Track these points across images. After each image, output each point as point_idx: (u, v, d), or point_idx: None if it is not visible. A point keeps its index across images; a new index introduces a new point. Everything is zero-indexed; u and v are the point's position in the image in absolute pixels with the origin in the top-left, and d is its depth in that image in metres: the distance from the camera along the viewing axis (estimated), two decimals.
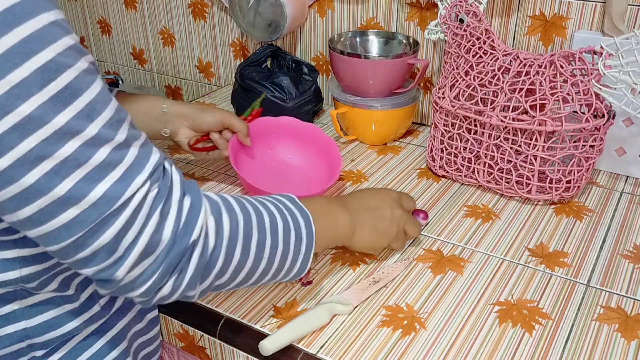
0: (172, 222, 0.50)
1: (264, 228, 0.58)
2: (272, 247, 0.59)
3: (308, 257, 0.63)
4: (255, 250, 0.57)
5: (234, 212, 0.56)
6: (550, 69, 0.85)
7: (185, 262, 0.51)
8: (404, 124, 1.13)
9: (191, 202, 0.52)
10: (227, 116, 0.90)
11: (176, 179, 0.52)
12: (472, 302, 0.72)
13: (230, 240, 0.54)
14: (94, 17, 1.61)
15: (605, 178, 1.00)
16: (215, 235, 0.53)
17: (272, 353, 0.64)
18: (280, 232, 0.59)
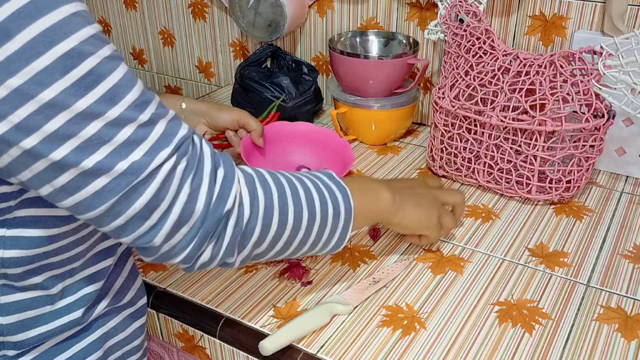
0: (205, 193, 0.52)
1: (299, 200, 0.59)
2: (309, 219, 0.60)
3: (346, 231, 0.64)
4: (293, 221, 0.59)
5: (268, 185, 0.58)
6: (550, 69, 0.85)
7: (221, 230, 0.54)
8: (404, 124, 1.13)
9: (224, 173, 0.54)
10: (243, 115, 0.92)
11: (206, 151, 0.54)
12: (472, 302, 0.72)
13: (266, 211, 0.56)
14: (94, 17, 1.61)
15: (605, 178, 1.00)
16: (250, 206, 0.55)
17: (272, 353, 0.64)
18: (317, 204, 0.61)
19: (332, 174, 0.66)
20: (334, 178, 0.65)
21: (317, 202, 0.61)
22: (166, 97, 0.91)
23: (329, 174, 0.66)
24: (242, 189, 0.55)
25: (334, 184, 0.64)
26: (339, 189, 0.64)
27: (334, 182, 0.64)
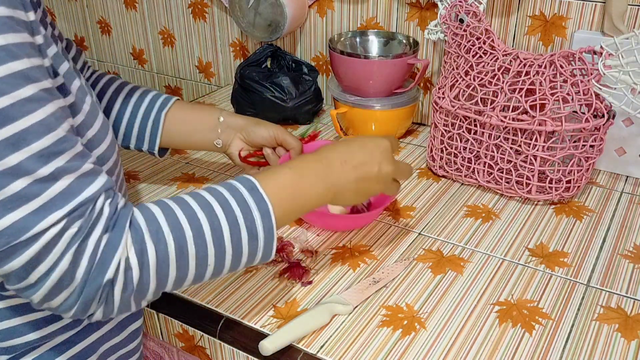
0: (86, 262, 0.49)
1: (202, 241, 0.55)
2: (217, 255, 0.56)
3: (270, 246, 0.60)
4: (196, 261, 0.55)
5: (161, 234, 0.53)
6: (550, 69, 0.85)
7: (107, 296, 0.51)
8: (404, 124, 1.13)
9: (109, 239, 0.50)
10: (281, 132, 0.87)
11: (105, 214, 0.50)
12: (472, 302, 0.72)
13: (158, 265, 0.52)
14: (94, 17, 1.61)
15: (605, 178, 1.00)
16: (139, 267, 0.51)
17: (272, 353, 0.64)
18: (227, 237, 0.56)
19: (255, 184, 0.60)
20: (256, 191, 0.59)
21: (227, 234, 0.56)
22: (204, 109, 0.88)
23: (251, 185, 0.59)
24: (129, 252, 0.51)
25: (253, 200, 0.58)
26: (258, 206, 0.58)
27: (254, 198, 0.58)
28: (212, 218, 0.56)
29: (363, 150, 0.69)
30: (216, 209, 0.56)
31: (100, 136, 0.59)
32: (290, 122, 1.21)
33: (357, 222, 0.87)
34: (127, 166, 1.05)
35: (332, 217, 0.86)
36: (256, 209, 0.58)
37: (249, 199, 0.58)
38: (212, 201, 0.57)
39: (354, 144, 0.70)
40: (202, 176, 1.01)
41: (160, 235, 0.53)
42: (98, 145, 0.58)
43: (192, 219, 0.55)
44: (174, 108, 0.85)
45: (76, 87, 0.56)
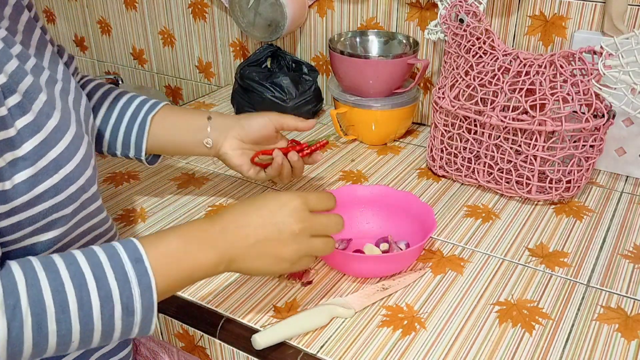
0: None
1: (66, 317, 0.50)
2: (83, 332, 0.51)
3: (148, 324, 0.55)
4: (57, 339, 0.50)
5: (18, 310, 0.48)
6: (550, 69, 0.85)
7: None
8: (404, 124, 1.13)
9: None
10: (274, 116, 0.82)
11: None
12: (472, 302, 0.72)
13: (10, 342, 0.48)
14: (94, 17, 1.61)
15: (605, 178, 1.00)
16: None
17: (263, 347, 0.65)
18: (96, 313, 0.51)
19: (141, 256, 0.54)
20: (141, 263, 0.54)
21: (97, 310, 0.51)
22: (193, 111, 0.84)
23: (137, 257, 0.54)
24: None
25: (136, 273, 0.53)
26: (140, 281, 0.53)
27: (137, 271, 0.53)
28: (82, 293, 0.51)
29: (263, 211, 0.62)
30: (89, 283, 0.51)
31: (67, 155, 0.55)
32: None
33: (392, 263, 0.76)
34: (127, 166, 1.05)
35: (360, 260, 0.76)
36: (137, 284, 0.53)
37: (130, 273, 0.53)
38: (86, 273, 0.52)
39: (253, 206, 0.62)
40: (202, 176, 1.01)
41: (17, 311, 0.48)
42: (64, 165, 0.55)
43: (57, 293, 0.50)
44: (162, 112, 0.81)
45: (41, 102, 0.53)
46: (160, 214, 0.90)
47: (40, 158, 0.52)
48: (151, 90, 1.55)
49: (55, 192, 0.54)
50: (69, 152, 0.55)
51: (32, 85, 0.53)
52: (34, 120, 0.52)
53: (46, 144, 0.53)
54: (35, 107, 0.53)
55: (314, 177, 1.01)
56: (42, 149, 0.52)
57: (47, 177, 0.53)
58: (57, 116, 0.55)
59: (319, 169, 1.04)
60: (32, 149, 0.51)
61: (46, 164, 0.53)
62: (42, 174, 0.53)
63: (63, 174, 0.55)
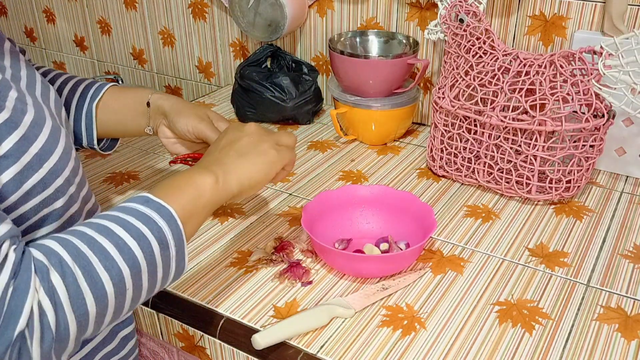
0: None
1: (112, 262, 0.51)
2: (133, 274, 0.53)
3: (182, 255, 0.57)
4: (113, 288, 0.51)
5: (66, 266, 0.49)
6: (550, 69, 0.85)
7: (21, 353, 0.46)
8: (403, 124, 1.13)
9: (15, 285, 0.46)
10: (201, 127, 0.76)
11: (10, 260, 0.46)
12: (472, 302, 0.72)
13: (73, 302, 0.48)
14: (94, 17, 1.61)
15: (605, 178, 1.00)
16: (53, 308, 0.47)
17: (263, 347, 0.65)
18: (138, 252, 0.53)
19: (148, 197, 0.57)
20: (152, 201, 0.56)
21: (137, 249, 0.53)
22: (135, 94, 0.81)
23: (145, 199, 0.56)
24: (39, 295, 0.46)
25: (153, 209, 0.55)
26: (160, 214, 0.55)
27: (152, 207, 0.56)
28: (115, 238, 0.52)
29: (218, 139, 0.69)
30: (116, 230, 0.53)
31: (49, 147, 0.55)
32: (290, 122, 1.21)
33: (393, 262, 0.76)
34: (127, 166, 1.05)
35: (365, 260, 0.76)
36: (159, 217, 0.55)
37: (147, 211, 0.55)
38: (108, 224, 0.53)
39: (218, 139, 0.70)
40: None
41: (65, 267, 0.49)
42: (48, 158, 0.55)
43: (93, 245, 0.51)
44: (106, 97, 0.79)
45: (13, 99, 0.53)
46: None
47: (23, 154, 0.52)
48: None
49: (43, 186, 0.54)
50: (49, 145, 0.55)
51: (1, 82, 0.53)
52: (10, 118, 0.51)
53: (26, 139, 0.52)
54: (9, 104, 0.52)
55: (313, 177, 1.01)
56: (22, 145, 0.52)
57: (33, 173, 0.53)
58: (31, 111, 0.55)
59: (319, 168, 1.04)
60: (13, 146, 0.51)
61: (30, 159, 0.52)
62: (28, 170, 0.52)
63: (48, 167, 0.54)
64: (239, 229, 0.86)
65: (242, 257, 0.80)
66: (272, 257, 0.80)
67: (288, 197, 0.95)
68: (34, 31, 1.78)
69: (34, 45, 1.82)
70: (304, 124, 1.21)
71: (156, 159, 1.07)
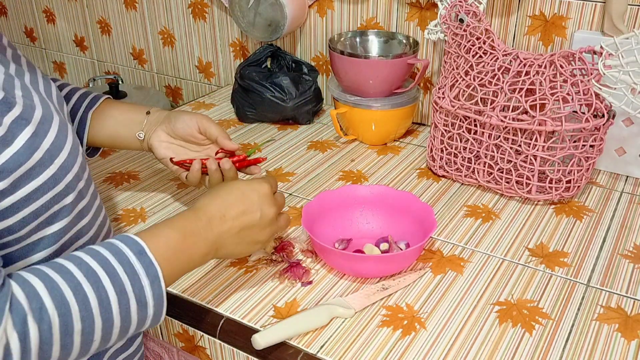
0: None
1: (89, 314, 0.51)
2: (104, 328, 0.52)
3: (159, 316, 0.57)
4: (82, 338, 0.51)
5: (45, 312, 0.48)
6: (550, 69, 0.85)
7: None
8: (404, 124, 1.13)
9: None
10: (205, 120, 0.80)
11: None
12: (472, 302, 0.72)
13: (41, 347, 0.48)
14: (94, 17, 1.61)
15: (605, 178, 1.00)
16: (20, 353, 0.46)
17: (263, 347, 0.65)
18: (115, 308, 0.52)
19: (143, 248, 0.56)
20: (144, 255, 0.55)
21: (115, 305, 0.52)
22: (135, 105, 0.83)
23: (139, 249, 0.56)
24: (9, 338, 0.46)
25: (142, 265, 0.55)
26: (147, 272, 0.55)
27: (142, 263, 0.55)
28: (99, 289, 0.52)
29: (241, 200, 0.67)
30: (102, 279, 0.52)
31: (59, 143, 0.55)
32: (291, 122, 1.21)
33: (392, 263, 0.76)
34: (127, 166, 1.05)
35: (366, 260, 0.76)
36: (145, 275, 0.55)
37: (136, 265, 0.54)
38: (97, 270, 0.52)
39: (232, 195, 0.67)
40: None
41: (44, 313, 0.48)
42: (58, 154, 0.55)
43: (78, 292, 0.50)
44: (102, 106, 0.81)
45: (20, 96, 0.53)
46: (160, 214, 0.90)
47: (35, 151, 0.52)
48: (151, 90, 1.55)
49: (54, 182, 0.54)
50: (59, 141, 0.55)
51: (6, 80, 0.52)
52: (21, 114, 0.51)
53: (37, 135, 0.52)
54: (18, 100, 0.52)
55: (313, 177, 1.01)
56: (34, 141, 0.52)
57: (44, 169, 0.53)
58: (39, 107, 0.55)
59: (319, 168, 1.04)
60: (25, 143, 0.51)
61: (42, 156, 0.53)
62: (39, 166, 0.53)
63: (58, 163, 0.55)
64: None
65: (242, 257, 0.80)
66: (272, 257, 0.80)
67: (288, 197, 0.95)
68: (34, 31, 1.78)
69: (34, 45, 1.82)
70: (304, 124, 1.21)
71: (156, 159, 1.07)
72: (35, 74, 0.62)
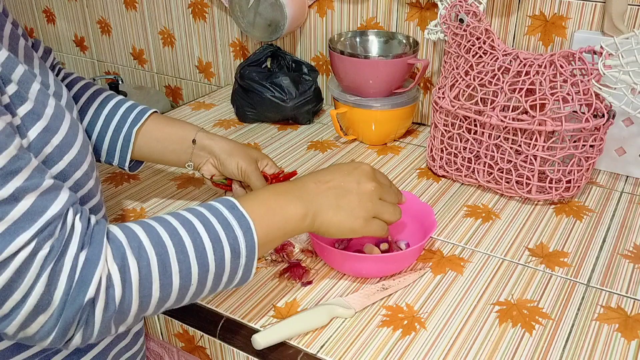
0: (64, 282, 0.47)
1: (185, 257, 0.54)
2: (200, 273, 0.55)
3: (250, 266, 0.59)
4: (180, 280, 0.53)
5: (143, 250, 0.51)
6: (550, 69, 0.85)
7: (88, 317, 0.49)
8: (403, 124, 1.13)
9: (87, 255, 0.48)
10: (250, 172, 0.81)
11: (77, 230, 0.49)
12: (472, 302, 0.72)
13: (141, 283, 0.51)
14: (94, 17, 1.61)
15: (605, 178, 1.00)
16: (121, 284, 0.50)
17: (263, 347, 0.65)
18: (210, 253, 0.55)
19: (235, 203, 0.59)
20: (236, 209, 0.58)
21: (210, 251, 0.55)
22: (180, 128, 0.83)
23: (231, 204, 0.59)
24: (110, 268, 0.49)
25: (234, 217, 0.58)
26: (240, 223, 0.57)
27: (234, 215, 0.58)
28: (194, 235, 0.55)
29: (337, 169, 0.69)
30: (197, 226, 0.55)
31: (69, 140, 0.56)
32: (291, 122, 1.21)
33: (394, 262, 0.76)
34: None
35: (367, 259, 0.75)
36: (238, 226, 0.57)
37: (229, 217, 0.57)
38: (192, 219, 0.56)
39: (328, 168, 0.70)
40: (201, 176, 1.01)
41: (142, 251, 0.51)
42: (68, 151, 0.55)
43: (174, 235, 0.54)
44: (148, 124, 0.81)
45: (35, 91, 0.53)
46: (160, 214, 0.90)
47: (45, 145, 0.52)
48: (151, 90, 1.55)
49: (62, 178, 0.55)
50: (70, 137, 0.56)
51: (24, 74, 0.53)
52: (33, 108, 0.52)
53: (48, 130, 0.53)
54: (32, 95, 0.52)
55: None
56: (45, 136, 0.53)
57: (53, 164, 0.53)
58: (52, 104, 0.55)
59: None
60: (37, 137, 0.52)
61: (51, 151, 0.53)
62: (49, 161, 0.53)
63: (67, 160, 0.55)
64: None
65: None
66: (272, 257, 0.80)
67: None
68: (34, 31, 1.78)
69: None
70: (304, 124, 1.21)
71: None
72: (47, 76, 0.62)
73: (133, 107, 0.82)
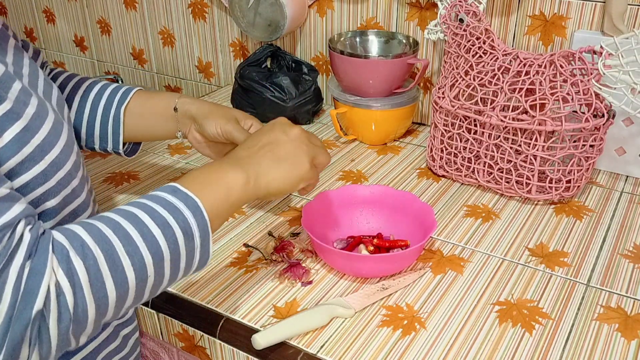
0: (9, 294, 0.44)
1: (135, 248, 0.51)
2: (155, 262, 0.53)
3: (207, 246, 0.58)
4: (135, 272, 0.51)
5: (87, 249, 0.49)
6: (550, 69, 0.85)
7: (41, 333, 0.46)
8: (403, 124, 1.13)
9: (32, 265, 0.46)
10: (230, 128, 0.77)
11: (26, 240, 0.47)
12: (472, 302, 0.72)
13: (93, 284, 0.48)
14: (94, 17, 1.61)
15: (605, 178, 1.00)
16: (71, 288, 0.47)
17: (263, 347, 0.65)
18: (161, 240, 0.53)
19: (176, 187, 0.57)
20: (179, 191, 0.57)
21: (161, 237, 0.53)
22: (161, 98, 0.82)
23: (173, 188, 0.57)
24: (57, 275, 0.46)
25: (179, 199, 0.56)
26: (187, 204, 0.56)
27: (179, 197, 0.56)
28: (139, 225, 0.53)
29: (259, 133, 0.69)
30: (142, 216, 0.53)
31: (50, 140, 0.55)
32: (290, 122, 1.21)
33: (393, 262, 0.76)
34: (127, 166, 1.05)
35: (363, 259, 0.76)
36: (185, 207, 0.56)
37: (174, 201, 0.56)
38: (134, 210, 0.54)
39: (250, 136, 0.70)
40: None
41: (87, 249, 0.49)
42: (49, 150, 0.54)
43: (118, 230, 0.51)
44: (133, 101, 0.80)
45: (16, 91, 0.52)
46: None
47: (25, 145, 0.52)
48: (151, 90, 1.55)
49: (44, 178, 0.54)
50: (51, 137, 0.55)
51: (4, 74, 0.52)
52: (12, 108, 0.51)
53: (27, 130, 0.52)
54: (12, 95, 0.52)
55: None
56: (24, 136, 0.52)
57: (33, 164, 0.53)
58: (34, 103, 0.54)
59: None
60: (15, 137, 0.51)
61: (31, 151, 0.52)
62: (29, 161, 0.52)
63: (49, 160, 0.54)
64: (239, 229, 0.86)
65: (242, 257, 0.80)
66: (272, 257, 0.80)
67: (288, 197, 0.95)
68: (34, 31, 1.78)
69: (33, 45, 1.82)
70: (304, 124, 1.21)
71: (156, 159, 1.07)
72: (36, 75, 0.62)
73: (117, 88, 0.81)
